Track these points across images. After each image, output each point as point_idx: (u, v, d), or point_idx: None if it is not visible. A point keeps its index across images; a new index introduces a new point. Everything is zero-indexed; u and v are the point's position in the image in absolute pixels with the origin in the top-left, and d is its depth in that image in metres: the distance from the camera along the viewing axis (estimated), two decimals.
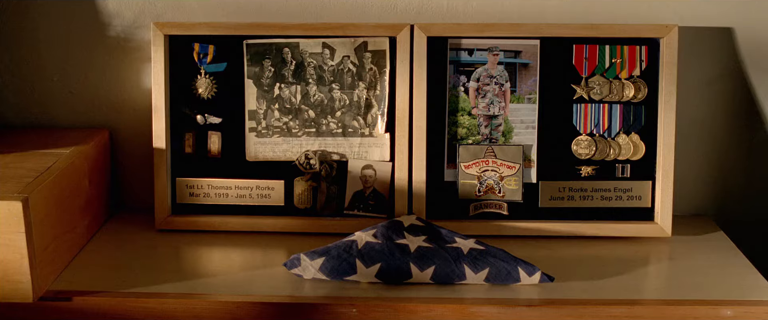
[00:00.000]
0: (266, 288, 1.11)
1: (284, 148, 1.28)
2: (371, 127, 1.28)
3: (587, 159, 1.27)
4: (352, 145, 1.28)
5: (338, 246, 1.13)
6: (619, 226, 1.27)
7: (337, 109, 1.28)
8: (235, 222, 1.28)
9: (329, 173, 1.29)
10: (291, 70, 1.27)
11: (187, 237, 1.28)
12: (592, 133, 1.27)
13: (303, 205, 1.29)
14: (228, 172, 1.29)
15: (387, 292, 1.08)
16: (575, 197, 1.28)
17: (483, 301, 1.08)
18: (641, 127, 1.26)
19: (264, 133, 1.28)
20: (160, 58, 1.26)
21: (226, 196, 1.30)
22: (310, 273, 1.12)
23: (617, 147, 1.27)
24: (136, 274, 1.15)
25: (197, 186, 1.30)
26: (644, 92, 1.26)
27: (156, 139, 1.27)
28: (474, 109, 1.27)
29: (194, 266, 1.19)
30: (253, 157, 1.29)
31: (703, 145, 1.37)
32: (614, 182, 1.27)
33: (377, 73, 1.27)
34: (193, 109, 1.28)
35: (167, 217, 1.29)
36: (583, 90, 1.26)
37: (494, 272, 1.11)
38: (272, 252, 1.23)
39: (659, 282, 1.16)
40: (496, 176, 1.27)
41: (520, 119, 1.27)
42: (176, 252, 1.24)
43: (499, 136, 1.27)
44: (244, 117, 1.28)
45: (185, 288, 1.10)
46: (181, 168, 1.29)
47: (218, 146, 1.29)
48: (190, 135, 1.29)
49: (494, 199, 1.28)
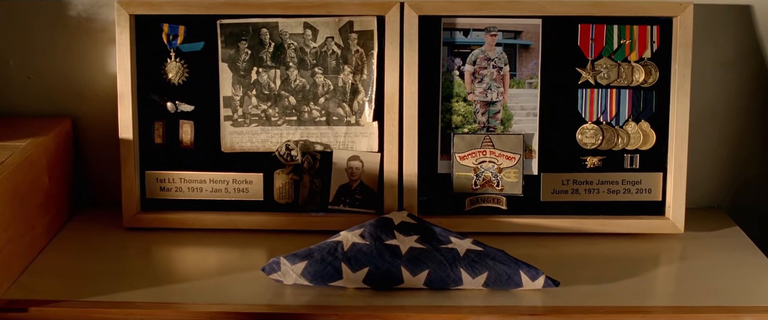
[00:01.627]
0: (244, 294, 1.06)
1: (263, 137, 1.25)
2: (358, 115, 1.24)
3: (593, 149, 1.24)
4: (337, 134, 1.25)
5: (322, 248, 1.08)
6: (628, 222, 1.23)
7: (321, 95, 1.24)
8: (209, 219, 1.25)
9: (312, 165, 1.25)
10: (269, 53, 1.23)
11: (157, 236, 1.24)
12: (598, 120, 1.24)
13: (284, 200, 1.26)
14: (202, 165, 1.25)
15: (376, 299, 1.04)
16: (580, 190, 1.25)
17: (481, 310, 1.02)
18: (652, 115, 1.23)
19: (241, 122, 1.25)
20: (125, 40, 1.21)
21: (199, 191, 1.26)
22: (291, 278, 1.07)
23: (626, 136, 1.23)
24: (100, 280, 1.10)
25: (168, 180, 1.26)
26: (655, 76, 1.22)
27: (122, 129, 1.23)
28: (470, 95, 1.23)
29: (165, 269, 1.15)
30: (228, 147, 1.25)
31: (717, 132, 1.34)
32: (622, 174, 1.24)
33: (364, 56, 1.23)
34: (163, 95, 1.24)
35: (136, 214, 1.25)
36: (589, 74, 1.22)
37: (494, 276, 1.06)
38: (250, 253, 1.19)
39: (672, 286, 1.12)
40: (494, 168, 1.24)
41: (521, 106, 1.23)
42: (145, 253, 1.20)
43: (497, 124, 1.24)
44: (219, 104, 1.24)
45: (155, 296, 1.06)
46: (150, 160, 1.25)
47: (191, 136, 1.25)
48: (159, 124, 1.25)
49: (492, 193, 1.24)
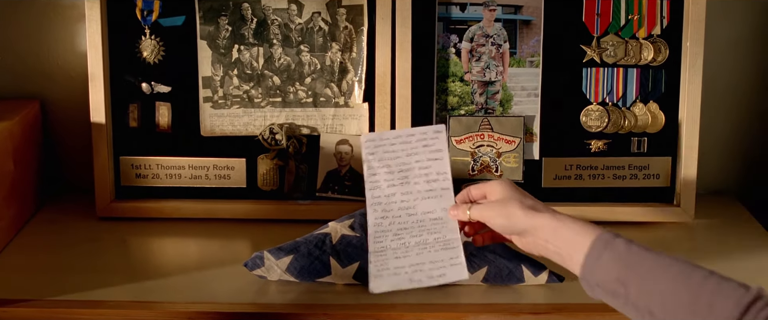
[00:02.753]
0: (225, 292, 1.03)
1: (245, 120, 1.23)
2: (347, 96, 1.22)
3: (598, 132, 1.22)
4: (325, 116, 1.23)
5: (308, 241, 1.04)
6: (634, 210, 1.21)
7: (307, 74, 1.22)
8: (188, 207, 1.23)
9: (298, 150, 1.23)
10: (252, 30, 1.21)
11: (133, 227, 1.22)
12: (604, 101, 1.22)
13: (268, 187, 1.24)
14: (180, 150, 1.23)
15: (367, 297, 0.97)
16: (584, 176, 1.23)
17: (480, 307, 1.00)
18: (661, 95, 1.21)
19: (221, 104, 1.22)
20: (96, 16, 1.19)
21: (178, 178, 1.24)
22: (276, 274, 1.03)
23: (633, 118, 1.22)
24: (71, 276, 1.07)
25: (144, 165, 1.24)
26: (665, 54, 1.20)
27: (94, 112, 1.20)
28: (467, 74, 1.21)
29: (141, 264, 1.12)
30: (208, 131, 1.23)
31: (726, 114, 1.33)
32: (629, 158, 1.22)
33: (353, 32, 1.21)
34: (138, 75, 1.22)
35: (110, 203, 1.23)
36: (595, 51, 1.20)
37: (493, 271, 1.03)
38: (233, 244, 1.18)
39: None
40: (492, 152, 1.22)
41: (521, 86, 1.21)
42: (120, 245, 1.17)
43: (496, 106, 1.22)
44: (198, 85, 1.22)
45: (130, 293, 1.03)
46: (125, 145, 1.23)
47: (168, 119, 1.23)
48: (134, 106, 1.23)
49: (491, 179, 1.21)
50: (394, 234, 0.95)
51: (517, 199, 0.89)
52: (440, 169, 0.97)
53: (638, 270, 0.79)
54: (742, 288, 0.73)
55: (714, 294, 0.73)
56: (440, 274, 0.93)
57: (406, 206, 0.97)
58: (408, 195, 0.97)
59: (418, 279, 0.92)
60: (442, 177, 0.97)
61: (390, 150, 0.98)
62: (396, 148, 0.98)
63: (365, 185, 0.97)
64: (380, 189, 0.97)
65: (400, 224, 0.96)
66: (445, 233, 0.95)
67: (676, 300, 0.75)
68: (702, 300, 0.73)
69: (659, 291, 0.77)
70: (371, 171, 0.97)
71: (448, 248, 0.94)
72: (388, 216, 0.96)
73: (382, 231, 0.95)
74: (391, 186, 0.97)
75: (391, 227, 0.96)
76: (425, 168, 0.97)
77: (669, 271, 0.77)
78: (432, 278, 0.92)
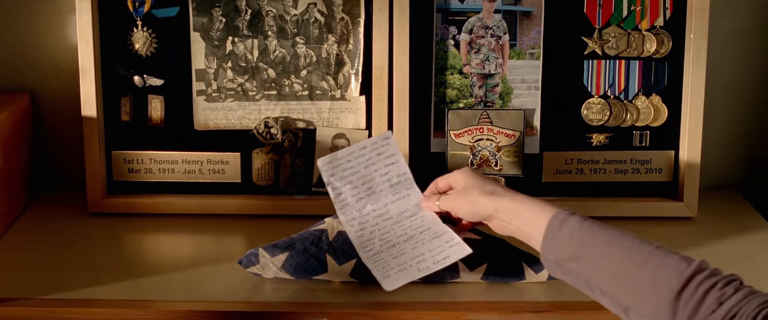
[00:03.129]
0: (220, 289, 1.02)
1: (239, 114, 1.22)
2: (343, 89, 1.21)
3: (600, 125, 1.22)
4: (321, 110, 1.22)
5: (304, 237, 1.03)
6: (636, 205, 1.21)
7: (302, 67, 1.21)
8: (182, 203, 1.22)
9: (293, 144, 1.22)
10: (246, 21, 1.19)
11: (125, 222, 1.20)
12: (605, 94, 1.21)
13: (263, 182, 1.23)
14: (173, 144, 1.23)
15: (365, 295, 1.00)
16: (585, 170, 1.23)
17: (480, 305, 0.98)
18: (664, 88, 1.20)
19: (215, 97, 1.21)
20: (86, 7, 1.17)
21: (171, 172, 1.23)
22: (271, 271, 1.02)
23: (635, 111, 1.21)
24: (62, 274, 1.05)
25: (137, 160, 1.23)
26: (668, 46, 1.19)
27: (85, 106, 1.19)
28: (466, 67, 1.21)
29: (133, 261, 1.11)
30: (202, 125, 1.22)
31: (730, 106, 1.32)
32: (631, 152, 1.22)
33: (350, 24, 1.19)
34: (130, 68, 1.21)
35: (102, 198, 1.22)
36: (596, 43, 1.19)
37: (494, 268, 1.02)
38: (227, 240, 1.17)
39: None
40: (492, 146, 1.21)
41: (521, 78, 1.21)
42: (112, 242, 1.17)
43: (495, 99, 1.21)
44: (191, 78, 1.21)
45: (123, 291, 1.01)
46: (116, 139, 1.22)
47: (160, 113, 1.22)
48: (126, 100, 1.22)
49: (490, 173, 1.21)
50: (380, 240, 0.99)
51: (478, 186, 0.93)
52: (399, 172, 1.04)
53: (590, 248, 0.81)
54: (684, 261, 0.75)
55: (657, 268, 0.75)
56: (444, 257, 0.97)
57: (379, 214, 1.02)
58: (377, 203, 1.03)
59: (426, 267, 0.96)
60: (403, 178, 1.04)
61: (347, 167, 1.04)
62: (353, 164, 1.04)
63: (335, 207, 1.02)
64: (350, 205, 1.02)
65: (381, 230, 1.01)
66: (427, 224, 1.00)
67: (623, 275, 0.78)
68: (646, 274, 0.76)
69: (608, 267, 0.79)
70: (336, 191, 1.02)
71: (438, 236, 0.99)
72: (367, 227, 1.01)
73: (367, 240, 1.00)
74: (359, 200, 1.02)
75: (374, 235, 1.00)
76: (385, 174, 1.04)
77: (616, 247, 0.79)
78: (438, 262, 0.97)
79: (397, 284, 0.94)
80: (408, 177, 1.04)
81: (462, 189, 0.96)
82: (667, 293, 0.73)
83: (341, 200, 1.02)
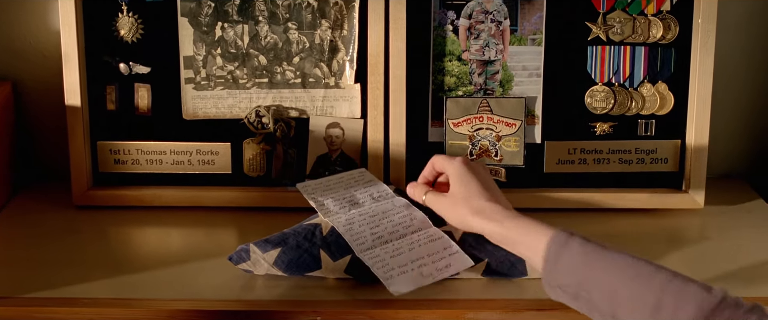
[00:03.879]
0: (209, 287, 1.00)
1: (230, 102, 1.21)
2: (337, 76, 1.20)
3: (603, 113, 1.21)
4: (314, 98, 1.21)
5: (297, 232, 1.01)
6: (641, 196, 1.20)
7: (295, 53, 1.19)
8: (171, 195, 1.21)
9: (286, 133, 1.21)
10: (236, 6, 1.18)
11: (111, 215, 1.19)
12: (610, 82, 1.20)
13: (254, 173, 1.22)
14: (161, 134, 1.21)
15: (360, 293, 0.98)
16: (588, 160, 1.22)
17: (480, 303, 0.96)
18: (670, 76, 1.19)
19: (204, 85, 1.20)
20: None
21: (159, 163, 1.22)
22: (263, 268, 1.00)
23: (640, 99, 1.20)
24: (45, 271, 1.03)
25: (123, 151, 1.22)
26: (675, 32, 1.18)
27: (69, 94, 1.18)
28: (465, 53, 1.19)
29: (120, 256, 1.09)
30: (191, 114, 1.21)
31: (737, 94, 1.32)
32: (636, 142, 1.21)
33: (344, 9, 1.18)
34: (115, 55, 1.19)
35: (87, 190, 1.21)
36: (600, 29, 1.18)
37: (494, 264, 1.00)
38: (217, 233, 1.16)
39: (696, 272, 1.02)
40: (492, 135, 1.20)
41: (522, 65, 1.20)
42: (98, 236, 1.15)
43: (495, 86, 1.20)
44: (179, 65, 1.20)
45: (108, 289, 0.99)
46: (102, 129, 1.21)
47: (147, 101, 1.20)
48: (111, 88, 1.20)
49: (490, 164, 1.21)
50: (371, 234, 0.99)
51: (467, 201, 0.91)
52: (380, 189, 1.08)
53: (598, 273, 0.78)
54: (705, 291, 0.73)
55: (677, 298, 0.73)
56: (446, 265, 0.97)
57: (365, 212, 1.03)
58: (362, 208, 1.04)
59: (430, 273, 0.95)
60: (384, 193, 1.07)
61: (327, 189, 1.07)
62: (332, 186, 1.08)
63: (319, 214, 1.03)
64: (333, 212, 1.03)
65: (370, 225, 1.01)
66: (418, 225, 1.01)
67: (640, 303, 0.75)
68: (665, 304, 0.73)
69: (620, 295, 0.76)
70: (318, 203, 1.04)
71: (434, 239, 1.00)
72: (355, 223, 1.01)
73: (357, 234, 0.99)
74: (342, 208, 1.03)
75: (363, 229, 1.00)
76: (366, 191, 1.07)
77: (627, 272, 0.77)
78: (440, 270, 0.96)
79: (404, 289, 0.92)
80: (388, 192, 1.07)
81: (452, 196, 0.94)
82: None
83: (324, 208, 1.03)
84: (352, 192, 1.07)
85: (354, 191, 1.07)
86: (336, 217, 1.02)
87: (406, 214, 1.03)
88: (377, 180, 1.10)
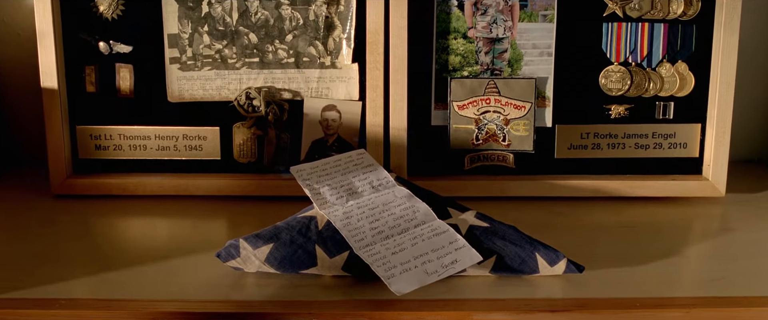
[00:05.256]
0: (195, 286, 0.96)
1: (218, 84, 1.19)
2: (334, 56, 1.19)
3: (619, 95, 1.20)
4: (309, 79, 1.19)
5: (291, 226, 0.98)
6: (658, 183, 1.20)
7: (288, 31, 1.18)
8: (156, 183, 1.21)
9: (279, 117, 1.20)
10: None
11: (92, 205, 1.18)
12: (626, 61, 1.19)
13: (245, 159, 1.21)
14: (145, 117, 1.21)
15: (359, 292, 0.94)
16: (602, 145, 1.21)
17: (489, 304, 0.92)
18: (691, 55, 1.19)
19: (190, 65, 1.19)
20: None
21: (143, 149, 1.21)
22: (254, 265, 0.97)
23: (659, 79, 1.19)
24: (20, 267, 1.00)
25: (105, 136, 1.21)
26: (697, 7, 1.17)
27: (45, 76, 1.17)
28: (471, 31, 1.18)
29: (100, 251, 1.06)
30: (176, 96, 1.20)
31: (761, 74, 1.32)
32: (653, 126, 1.21)
33: None
34: (94, 33, 1.18)
35: (66, 178, 1.20)
36: (617, 4, 1.17)
37: (503, 260, 0.97)
38: (206, 225, 1.14)
39: (716, 267, 1.03)
40: (499, 119, 1.19)
41: (533, 43, 1.18)
42: (78, 228, 1.12)
43: (504, 66, 1.19)
44: (164, 44, 1.19)
45: (87, 288, 0.96)
46: (81, 112, 1.20)
47: (130, 83, 1.20)
48: (91, 69, 1.19)
49: (497, 149, 1.20)
50: (370, 229, 0.96)
51: None
52: (380, 176, 1.05)
53: None
54: None
55: None
56: (452, 261, 0.93)
57: (364, 204, 1.00)
58: (360, 199, 1.01)
59: (434, 270, 0.92)
60: (384, 180, 1.04)
61: (323, 174, 1.04)
62: (329, 171, 1.05)
63: (315, 205, 1.00)
64: (329, 202, 1.00)
65: (369, 218, 0.98)
66: (421, 218, 0.98)
67: None
68: None
69: None
70: (314, 191, 1.01)
71: (439, 233, 0.96)
72: (353, 216, 0.98)
73: (355, 229, 0.96)
74: (339, 198, 1.00)
75: (361, 223, 0.97)
76: (365, 179, 1.04)
77: None
78: (446, 267, 0.92)
79: (407, 288, 0.89)
80: (389, 179, 1.04)
81: None
82: None
83: (320, 198, 1.00)
84: (350, 178, 1.04)
85: (352, 177, 1.04)
86: (332, 210, 0.99)
87: (408, 206, 1.00)
88: (377, 164, 1.07)
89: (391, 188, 1.03)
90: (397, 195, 1.01)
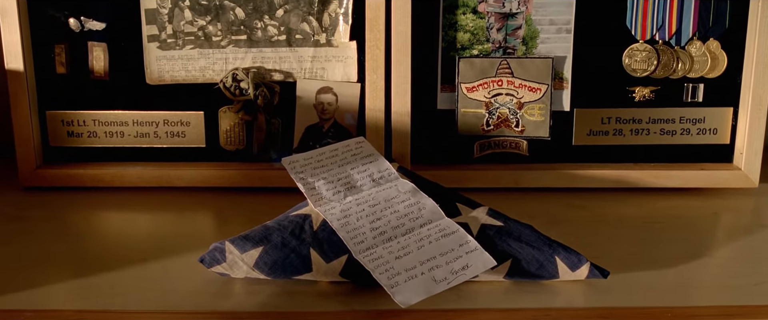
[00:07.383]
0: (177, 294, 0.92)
1: (201, 64, 1.18)
2: (329, 33, 1.18)
3: (644, 76, 1.18)
4: (302, 58, 1.18)
5: (283, 226, 0.94)
6: (686, 173, 1.19)
7: (278, 5, 1.17)
8: (134, 173, 1.20)
9: (269, 100, 1.18)
10: None
11: (64, 198, 1.17)
12: (653, 39, 1.17)
13: (232, 147, 1.21)
14: (121, 101, 1.20)
15: (358, 301, 0.91)
16: (625, 131, 1.20)
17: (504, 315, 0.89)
18: (724, 32, 1.17)
19: (171, 44, 1.18)
20: None
21: (120, 136, 1.20)
22: (242, 270, 0.93)
23: (688, 59, 1.17)
24: None
25: (77, 121, 1.20)
26: None
27: (9, 56, 1.16)
28: (481, 5, 1.16)
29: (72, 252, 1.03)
30: (156, 78, 1.19)
31: None
32: (681, 109, 1.19)
33: None
34: (63, 9, 1.17)
35: (36, 169, 1.20)
36: None
37: (520, 264, 0.93)
38: (190, 220, 1.13)
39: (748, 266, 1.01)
40: (512, 102, 1.18)
41: (549, 19, 1.17)
42: (48, 225, 1.11)
43: (517, 44, 1.17)
44: (141, 20, 1.17)
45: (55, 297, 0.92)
46: (51, 96, 1.19)
47: (104, 63, 1.18)
48: (61, 48, 1.18)
49: (510, 136, 1.19)
50: (370, 230, 0.93)
51: None
52: (381, 168, 1.02)
53: None
54: None
55: None
56: (462, 267, 0.89)
57: (364, 200, 0.97)
58: (360, 194, 0.98)
59: (443, 277, 0.88)
60: (385, 172, 1.01)
61: (318, 166, 1.02)
62: (325, 162, 1.02)
63: (309, 201, 0.97)
64: (326, 199, 0.97)
65: (370, 217, 0.95)
66: (428, 216, 0.95)
67: None
68: None
69: None
70: (308, 186, 0.98)
71: (448, 234, 0.93)
72: (352, 214, 0.95)
73: (354, 229, 0.93)
74: (336, 193, 0.98)
75: (361, 223, 0.94)
76: (364, 171, 1.02)
77: None
78: (456, 273, 0.89)
79: (413, 299, 0.85)
80: (391, 172, 1.02)
81: None
82: None
83: (314, 194, 0.98)
84: (348, 170, 1.01)
85: (350, 169, 1.01)
86: (329, 207, 0.95)
87: (413, 203, 0.96)
88: (378, 154, 1.04)
89: (393, 182, 1.00)
90: (401, 190, 0.98)
